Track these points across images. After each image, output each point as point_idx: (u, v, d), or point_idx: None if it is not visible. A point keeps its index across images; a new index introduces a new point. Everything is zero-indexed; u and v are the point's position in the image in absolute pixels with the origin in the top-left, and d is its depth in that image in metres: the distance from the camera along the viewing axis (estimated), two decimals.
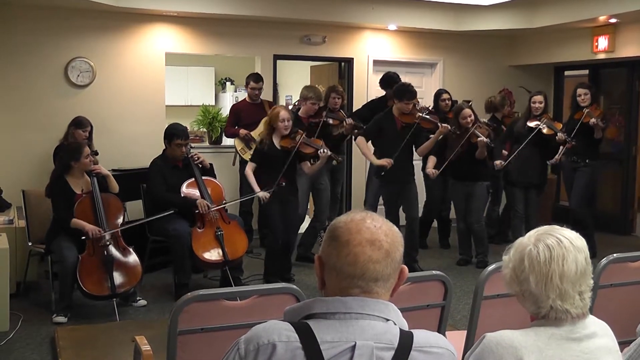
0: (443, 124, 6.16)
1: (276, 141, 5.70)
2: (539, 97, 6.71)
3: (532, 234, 1.76)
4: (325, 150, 5.74)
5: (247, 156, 6.79)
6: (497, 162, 6.55)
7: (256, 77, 7.02)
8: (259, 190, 5.61)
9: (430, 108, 6.70)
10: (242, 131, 6.80)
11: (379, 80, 7.25)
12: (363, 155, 6.59)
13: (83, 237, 4.90)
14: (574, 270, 1.69)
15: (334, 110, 6.69)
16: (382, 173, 6.07)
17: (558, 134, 6.47)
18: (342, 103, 6.99)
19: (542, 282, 1.69)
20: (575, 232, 1.77)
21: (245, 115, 6.95)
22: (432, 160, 6.36)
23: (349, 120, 6.52)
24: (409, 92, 6.12)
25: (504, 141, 7.00)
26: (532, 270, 1.70)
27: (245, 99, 7.25)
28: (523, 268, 1.72)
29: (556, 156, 6.64)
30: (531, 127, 6.57)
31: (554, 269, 1.68)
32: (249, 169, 5.71)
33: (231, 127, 6.98)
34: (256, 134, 6.78)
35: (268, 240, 6.04)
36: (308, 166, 5.91)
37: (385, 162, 6.04)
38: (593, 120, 6.53)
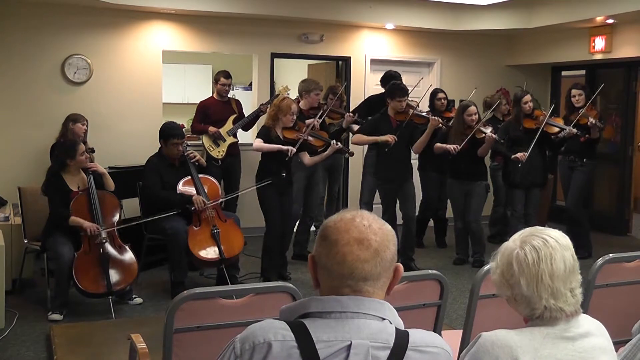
0: (433, 117, 6.17)
1: (279, 132, 5.69)
2: (529, 97, 6.65)
3: (517, 237, 1.76)
4: (337, 142, 5.78)
5: (215, 153, 6.79)
6: (520, 154, 6.31)
7: (226, 74, 7.00)
8: (284, 147, 5.55)
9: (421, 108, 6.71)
10: (212, 129, 6.78)
11: (380, 79, 7.22)
12: (366, 143, 6.44)
13: (82, 233, 4.92)
14: (562, 269, 1.69)
15: (334, 108, 6.69)
16: (386, 149, 6.00)
17: (567, 129, 6.43)
18: (340, 104, 7.01)
19: (534, 284, 1.69)
20: (562, 231, 1.77)
21: (212, 112, 6.92)
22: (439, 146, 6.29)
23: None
24: (399, 90, 6.12)
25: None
26: (522, 273, 1.70)
27: (213, 96, 7.20)
28: (512, 272, 1.71)
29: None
30: (530, 129, 6.52)
31: (544, 269, 1.68)
32: (260, 142, 5.62)
33: (198, 123, 6.94)
34: (224, 130, 6.79)
35: (265, 236, 6.00)
36: (308, 158, 5.90)
37: (389, 137, 5.99)
38: (591, 120, 6.50)
